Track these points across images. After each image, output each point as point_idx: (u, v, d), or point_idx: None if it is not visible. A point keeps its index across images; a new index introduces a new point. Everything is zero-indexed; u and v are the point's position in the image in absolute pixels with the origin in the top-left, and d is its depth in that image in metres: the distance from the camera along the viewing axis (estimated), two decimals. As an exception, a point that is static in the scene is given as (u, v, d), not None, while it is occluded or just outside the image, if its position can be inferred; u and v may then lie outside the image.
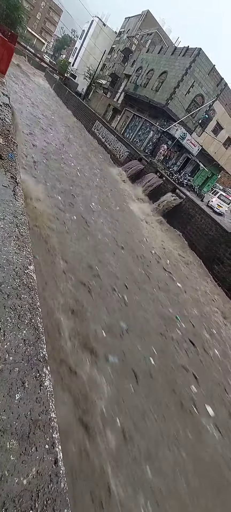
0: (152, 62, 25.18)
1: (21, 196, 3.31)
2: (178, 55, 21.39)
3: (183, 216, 14.91)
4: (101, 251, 7.63)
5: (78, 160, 15.28)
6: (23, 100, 18.47)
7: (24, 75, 31.90)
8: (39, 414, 1.51)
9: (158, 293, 7.80)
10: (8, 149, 4.10)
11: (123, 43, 37.28)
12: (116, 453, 3.28)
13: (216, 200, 16.38)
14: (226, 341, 7.91)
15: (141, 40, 31.78)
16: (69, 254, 6.32)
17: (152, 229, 13.35)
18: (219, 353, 7.00)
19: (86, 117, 29.94)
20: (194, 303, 8.73)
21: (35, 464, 1.33)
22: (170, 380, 4.97)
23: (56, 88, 43.26)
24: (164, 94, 21.82)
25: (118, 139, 23.08)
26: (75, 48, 56.55)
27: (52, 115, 22.48)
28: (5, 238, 2.49)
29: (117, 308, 5.77)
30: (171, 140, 22.29)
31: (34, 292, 2.23)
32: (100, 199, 11.62)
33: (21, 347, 1.76)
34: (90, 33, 47.84)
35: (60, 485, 1.33)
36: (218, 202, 16.24)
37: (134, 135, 26.68)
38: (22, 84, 24.75)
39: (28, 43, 54.89)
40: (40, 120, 16.88)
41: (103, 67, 43.02)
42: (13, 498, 1.17)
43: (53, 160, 11.71)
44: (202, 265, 12.59)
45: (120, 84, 34.48)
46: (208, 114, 21.93)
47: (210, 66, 20.09)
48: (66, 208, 8.55)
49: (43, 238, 6.01)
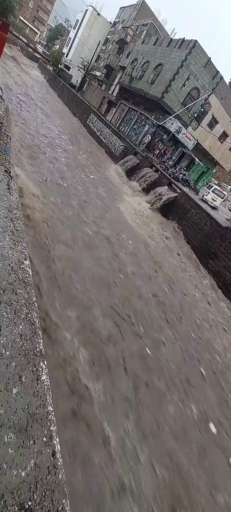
0: (147, 54, 24.83)
1: (15, 190, 3.26)
2: (173, 47, 21.12)
3: (178, 211, 14.96)
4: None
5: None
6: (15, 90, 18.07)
7: (18, 67, 31.14)
8: (37, 408, 1.53)
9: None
10: (2, 142, 4.02)
11: (118, 34, 36.59)
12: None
13: (211, 195, 16.72)
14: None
15: (136, 31, 31.26)
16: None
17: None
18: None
19: (80, 110, 29.50)
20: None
21: (33, 456, 1.34)
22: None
23: (49, 80, 42.39)
24: (159, 87, 21.60)
25: (113, 132, 22.85)
26: (69, 38, 55.26)
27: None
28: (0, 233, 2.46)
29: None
30: (166, 134, 22.18)
31: (30, 287, 2.22)
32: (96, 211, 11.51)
33: (18, 342, 1.76)
34: (84, 23, 46.76)
35: (58, 477, 1.35)
36: (213, 196, 16.57)
37: (129, 128, 26.44)
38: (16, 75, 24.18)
39: (21, 33, 53.39)
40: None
41: (98, 59, 42.27)
42: (11, 490, 1.19)
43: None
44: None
45: (114, 76, 33.97)
46: (203, 108, 21.83)
47: (206, 59, 19.94)
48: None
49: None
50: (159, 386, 4.70)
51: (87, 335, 4.59)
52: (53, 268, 5.42)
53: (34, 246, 5.48)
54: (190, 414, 4.61)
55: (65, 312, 4.65)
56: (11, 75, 23.03)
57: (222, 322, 8.90)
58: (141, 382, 4.52)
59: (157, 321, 6.43)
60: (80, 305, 5.09)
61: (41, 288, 4.67)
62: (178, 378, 5.17)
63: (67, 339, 4.15)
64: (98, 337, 4.73)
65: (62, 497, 1.30)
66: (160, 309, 6.96)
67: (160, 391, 4.64)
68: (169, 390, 4.77)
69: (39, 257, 5.33)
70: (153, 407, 4.26)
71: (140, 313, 6.19)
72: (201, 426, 4.54)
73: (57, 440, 1.49)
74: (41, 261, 5.28)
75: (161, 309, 6.99)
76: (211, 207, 15.82)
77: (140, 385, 4.43)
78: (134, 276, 7.67)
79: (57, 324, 4.23)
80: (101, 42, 41.97)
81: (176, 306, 7.75)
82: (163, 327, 6.34)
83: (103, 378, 4.04)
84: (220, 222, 12.70)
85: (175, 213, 15.05)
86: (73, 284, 5.49)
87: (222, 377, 6.22)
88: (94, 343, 4.55)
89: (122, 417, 3.77)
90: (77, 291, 5.39)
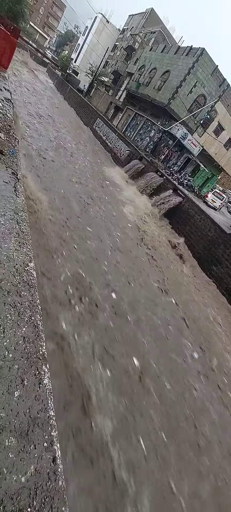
0: (155, 61, 25.06)
1: (22, 192, 3.30)
2: (181, 54, 21.29)
3: (182, 216, 14.92)
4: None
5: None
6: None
7: (28, 71, 31.70)
8: (38, 412, 1.52)
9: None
10: (10, 145, 4.08)
11: (126, 41, 37.05)
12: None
13: (211, 196, 18.35)
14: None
15: (144, 38, 31.61)
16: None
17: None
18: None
19: (87, 114, 29.81)
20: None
21: (33, 462, 1.33)
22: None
23: (58, 84, 43.01)
24: (166, 93, 21.74)
25: (119, 137, 23.01)
26: (78, 44, 56.11)
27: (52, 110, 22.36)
28: (5, 234, 2.48)
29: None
30: (172, 140, 22.24)
31: (34, 289, 2.22)
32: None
33: (21, 344, 1.76)
34: (93, 29, 47.47)
35: (58, 483, 1.34)
36: (212, 198, 18.19)
37: (135, 133, 26.60)
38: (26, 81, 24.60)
39: (31, 38, 54.37)
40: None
41: (106, 64, 42.79)
42: (11, 496, 1.17)
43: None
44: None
45: (122, 82, 34.30)
46: (209, 114, 21.87)
47: (213, 67, 20.02)
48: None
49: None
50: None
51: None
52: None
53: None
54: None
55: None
56: (20, 79, 23.44)
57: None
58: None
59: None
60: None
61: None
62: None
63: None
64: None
65: (62, 505, 1.28)
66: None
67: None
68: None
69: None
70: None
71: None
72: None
73: (58, 446, 1.48)
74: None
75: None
76: (211, 207, 17.26)
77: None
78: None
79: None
80: (110, 49, 42.51)
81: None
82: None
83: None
84: (224, 228, 12.62)
85: (179, 218, 15.02)
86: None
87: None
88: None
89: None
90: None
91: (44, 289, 4.67)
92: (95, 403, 3.63)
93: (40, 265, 5.09)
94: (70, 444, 3.06)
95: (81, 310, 4.99)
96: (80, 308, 5.02)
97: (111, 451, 3.31)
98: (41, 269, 4.99)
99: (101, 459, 3.18)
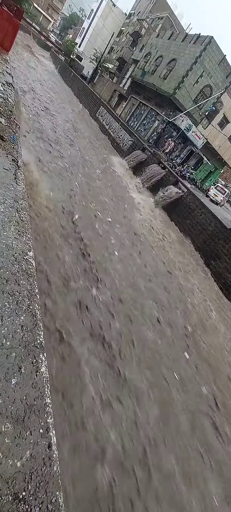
0: (161, 48, 24.34)
1: (22, 180, 3.26)
2: (188, 42, 20.64)
3: (183, 209, 14.83)
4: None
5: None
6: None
7: (30, 55, 30.90)
8: (35, 399, 1.54)
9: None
10: (10, 131, 4.01)
11: (132, 26, 35.88)
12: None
13: (213, 190, 18.58)
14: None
15: (151, 24, 30.62)
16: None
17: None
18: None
19: (90, 102, 29.21)
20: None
21: (29, 447, 1.36)
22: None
23: (61, 70, 41.97)
24: (171, 82, 21.21)
25: (122, 127, 22.60)
26: (82, 28, 54.48)
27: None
28: (5, 222, 2.47)
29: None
30: (176, 131, 21.84)
31: (33, 278, 2.22)
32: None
33: (19, 332, 1.77)
34: (99, 13, 45.99)
35: (53, 469, 1.37)
36: (215, 192, 18.41)
37: (138, 123, 26.11)
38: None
39: (34, 20, 52.76)
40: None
41: (111, 50, 41.62)
42: (6, 480, 1.20)
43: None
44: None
45: (127, 69, 33.45)
46: (215, 106, 21.36)
47: (221, 56, 19.45)
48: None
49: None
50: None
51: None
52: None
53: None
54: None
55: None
56: (22, 63, 22.90)
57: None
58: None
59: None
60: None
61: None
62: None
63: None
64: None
65: (56, 489, 1.32)
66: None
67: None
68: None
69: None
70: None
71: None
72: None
73: (54, 432, 1.51)
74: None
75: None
76: (213, 202, 17.58)
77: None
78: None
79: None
80: (115, 34, 41.25)
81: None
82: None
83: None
84: (224, 223, 12.56)
85: (179, 211, 14.92)
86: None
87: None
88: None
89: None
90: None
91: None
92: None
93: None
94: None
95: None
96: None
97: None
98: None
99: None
